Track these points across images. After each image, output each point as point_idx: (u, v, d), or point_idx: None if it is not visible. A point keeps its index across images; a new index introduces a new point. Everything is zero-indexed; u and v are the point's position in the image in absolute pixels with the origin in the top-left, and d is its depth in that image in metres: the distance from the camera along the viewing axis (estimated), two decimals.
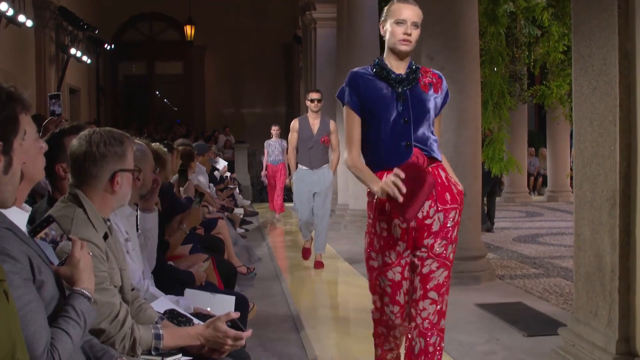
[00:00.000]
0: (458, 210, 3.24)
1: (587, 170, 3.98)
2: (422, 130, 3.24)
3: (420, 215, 3.17)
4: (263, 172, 14.99)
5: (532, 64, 12.79)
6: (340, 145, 8.16)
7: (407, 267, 3.25)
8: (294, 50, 24.03)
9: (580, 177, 4.07)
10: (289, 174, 12.51)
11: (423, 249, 3.20)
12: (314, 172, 8.01)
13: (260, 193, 19.10)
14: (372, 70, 3.35)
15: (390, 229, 3.22)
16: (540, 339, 4.96)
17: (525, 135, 16.98)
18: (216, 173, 11.94)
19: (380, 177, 3.18)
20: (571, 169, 17.06)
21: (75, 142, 2.61)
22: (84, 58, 18.51)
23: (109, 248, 2.59)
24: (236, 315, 2.68)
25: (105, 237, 2.59)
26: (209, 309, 3.48)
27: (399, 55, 3.29)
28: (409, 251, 3.24)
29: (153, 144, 4.60)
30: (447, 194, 3.23)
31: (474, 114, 7.07)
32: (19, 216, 2.39)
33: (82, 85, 20.49)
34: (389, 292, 3.28)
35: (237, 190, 13.97)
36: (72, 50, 17.28)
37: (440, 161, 3.30)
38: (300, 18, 18.17)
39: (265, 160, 14.74)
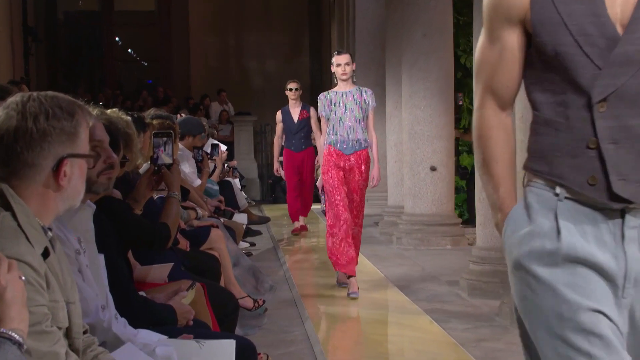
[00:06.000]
0: None
1: None
2: None
3: None
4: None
5: None
6: None
7: None
8: None
9: None
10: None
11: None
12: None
13: (273, 189, 19.08)
14: None
15: None
16: None
17: None
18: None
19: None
20: None
21: (0, 114, 2.61)
22: None
23: (50, 271, 2.59)
24: None
25: (46, 254, 2.59)
26: None
27: None
28: None
29: (109, 111, 4.60)
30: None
31: None
32: None
33: (2, 26, 20.64)
34: None
35: (238, 184, 13.97)
36: None
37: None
38: None
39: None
